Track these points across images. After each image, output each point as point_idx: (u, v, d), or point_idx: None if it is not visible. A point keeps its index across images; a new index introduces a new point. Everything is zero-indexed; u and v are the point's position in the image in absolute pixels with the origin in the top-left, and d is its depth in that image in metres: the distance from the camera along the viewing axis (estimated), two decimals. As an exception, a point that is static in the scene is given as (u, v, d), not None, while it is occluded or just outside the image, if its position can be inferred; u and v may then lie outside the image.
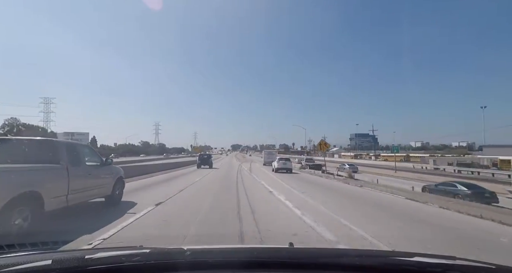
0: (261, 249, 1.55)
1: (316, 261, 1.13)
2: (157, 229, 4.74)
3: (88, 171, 5.71)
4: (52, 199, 4.39)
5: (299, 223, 5.40)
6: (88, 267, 0.96)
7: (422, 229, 5.40)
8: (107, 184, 6.40)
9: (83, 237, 3.97)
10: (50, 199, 4.31)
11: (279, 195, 9.21)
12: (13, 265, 0.93)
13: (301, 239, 4.18)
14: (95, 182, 5.90)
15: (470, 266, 1.11)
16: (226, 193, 9.75)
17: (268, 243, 4.02)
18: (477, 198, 11.70)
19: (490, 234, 5.14)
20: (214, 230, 4.81)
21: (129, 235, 4.25)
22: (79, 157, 5.56)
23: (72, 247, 3.51)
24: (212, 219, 5.58)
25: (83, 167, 5.60)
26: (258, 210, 6.52)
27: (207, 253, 1.22)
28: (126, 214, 5.60)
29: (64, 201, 4.74)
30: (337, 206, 7.56)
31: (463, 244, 4.50)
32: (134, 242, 3.29)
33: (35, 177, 4.18)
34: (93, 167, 6.00)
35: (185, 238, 4.15)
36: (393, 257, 1.26)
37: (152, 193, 9.27)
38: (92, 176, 5.78)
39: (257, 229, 4.76)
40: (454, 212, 7.20)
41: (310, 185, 13.92)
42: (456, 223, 6.07)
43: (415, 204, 8.52)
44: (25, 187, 3.87)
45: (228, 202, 7.74)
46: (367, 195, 10.46)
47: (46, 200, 4.20)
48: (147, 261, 1.01)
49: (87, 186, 5.54)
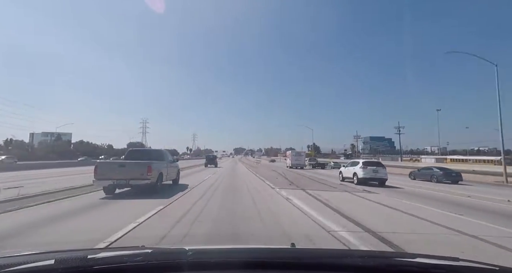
0: (263, 249, 1.58)
1: (318, 262, 1.14)
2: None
3: (171, 165, 11.59)
4: (164, 176, 10.26)
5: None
6: (90, 267, 0.98)
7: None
8: (175, 172, 12.29)
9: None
10: (163, 176, 10.16)
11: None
12: (15, 265, 0.94)
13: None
14: (172, 171, 11.78)
15: (473, 267, 1.12)
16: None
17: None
18: (447, 177, 19.39)
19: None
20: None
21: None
22: (168, 158, 11.49)
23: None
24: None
25: (169, 163, 11.50)
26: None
27: (208, 253, 1.26)
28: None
29: (165, 178, 10.60)
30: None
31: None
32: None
33: (160, 166, 10.01)
34: (171, 163, 11.89)
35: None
36: (395, 258, 1.28)
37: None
38: (171, 167, 11.66)
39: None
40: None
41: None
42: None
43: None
44: (159, 170, 9.73)
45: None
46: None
47: (164, 177, 10.07)
48: (149, 261, 1.03)
49: (170, 173, 11.39)
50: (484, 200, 10.62)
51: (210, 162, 35.49)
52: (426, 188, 15.13)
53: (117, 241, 4.07)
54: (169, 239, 4.24)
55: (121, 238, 4.21)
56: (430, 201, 9.62)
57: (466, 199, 10.70)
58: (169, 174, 11.06)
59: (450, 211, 7.64)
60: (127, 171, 8.50)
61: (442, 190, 14.25)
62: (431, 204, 8.80)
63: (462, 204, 9.39)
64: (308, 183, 14.95)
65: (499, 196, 11.97)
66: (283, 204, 7.94)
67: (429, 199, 10.22)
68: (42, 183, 12.13)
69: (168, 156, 11.93)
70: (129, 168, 8.61)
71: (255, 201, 8.22)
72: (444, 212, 7.41)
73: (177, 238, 4.31)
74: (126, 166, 8.67)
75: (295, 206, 7.51)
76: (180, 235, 4.46)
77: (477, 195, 12.06)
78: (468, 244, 4.53)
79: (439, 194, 12.18)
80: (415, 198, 10.46)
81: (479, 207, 8.84)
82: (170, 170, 11.31)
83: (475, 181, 22.52)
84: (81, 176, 14.78)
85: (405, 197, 10.61)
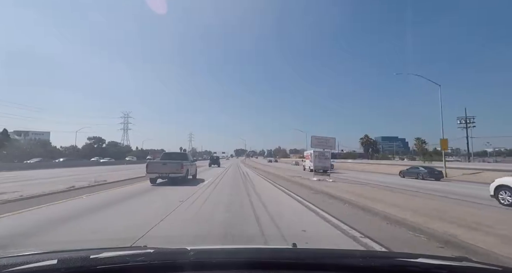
0: (265, 249, 1.61)
1: (320, 262, 1.15)
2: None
3: (191, 164, 15.59)
4: (189, 172, 14.30)
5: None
6: (93, 267, 1.00)
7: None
8: (194, 169, 16.33)
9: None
10: (188, 172, 14.17)
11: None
12: (18, 265, 0.96)
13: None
14: (193, 168, 15.78)
15: (476, 268, 1.12)
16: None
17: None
18: (431, 174, 22.66)
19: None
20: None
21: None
22: (190, 159, 15.56)
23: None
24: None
25: (191, 162, 15.51)
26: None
27: (210, 253, 1.26)
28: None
29: (189, 173, 14.59)
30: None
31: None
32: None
33: (186, 164, 13.99)
34: (192, 162, 15.89)
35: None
36: (397, 258, 1.28)
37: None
38: (192, 166, 15.66)
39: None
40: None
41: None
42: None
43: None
44: (186, 167, 13.74)
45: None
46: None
47: (189, 172, 14.11)
48: (151, 261, 1.05)
49: (191, 170, 15.37)
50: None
51: (214, 162, 39.73)
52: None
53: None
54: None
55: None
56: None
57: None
58: (191, 170, 15.03)
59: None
60: (167, 167, 12.48)
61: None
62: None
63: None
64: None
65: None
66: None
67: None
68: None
69: (190, 157, 15.94)
70: (169, 165, 12.58)
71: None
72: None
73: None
74: (167, 164, 12.63)
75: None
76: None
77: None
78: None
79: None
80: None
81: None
82: (191, 168, 15.29)
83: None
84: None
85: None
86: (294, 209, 7.34)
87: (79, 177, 16.07)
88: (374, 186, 14.01)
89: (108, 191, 10.14)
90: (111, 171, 24.45)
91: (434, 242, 4.32)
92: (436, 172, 22.76)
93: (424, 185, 16.82)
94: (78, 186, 11.04)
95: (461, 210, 7.08)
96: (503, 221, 5.70)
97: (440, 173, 22.93)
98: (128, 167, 32.47)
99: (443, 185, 17.42)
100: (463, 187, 16.76)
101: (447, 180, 22.94)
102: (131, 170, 23.92)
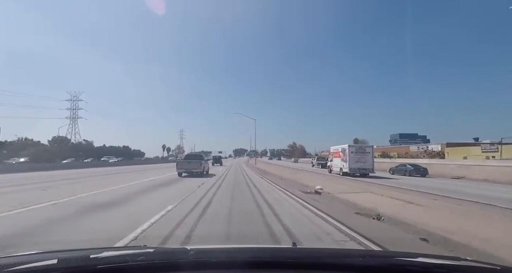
0: (264, 249, 1.62)
1: (319, 261, 1.16)
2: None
3: (205, 162, 21.10)
4: (205, 168, 19.84)
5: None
6: (93, 267, 1.00)
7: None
8: (208, 166, 21.92)
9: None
10: (205, 169, 19.68)
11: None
12: (18, 265, 0.96)
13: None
14: (206, 165, 21.25)
15: (475, 267, 1.13)
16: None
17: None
18: (416, 171, 24.94)
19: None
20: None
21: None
22: (204, 158, 21.18)
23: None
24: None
25: (205, 161, 21.07)
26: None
27: (210, 253, 1.28)
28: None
29: (204, 170, 20.04)
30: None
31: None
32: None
33: (203, 163, 19.47)
34: (205, 161, 21.40)
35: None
36: (396, 257, 1.29)
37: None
38: (206, 164, 21.20)
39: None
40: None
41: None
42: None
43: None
44: (203, 164, 19.23)
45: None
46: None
47: (204, 169, 19.65)
48: (151, 260, 1.06)
49: (206, 167, 20.83)
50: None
51: (216, 161, 44.06)
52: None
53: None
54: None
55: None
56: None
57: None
58: (206, 167, 20.47)
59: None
60: (191, 165, 18.00)
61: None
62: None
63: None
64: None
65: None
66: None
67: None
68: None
69: (204, 157, 21.38)
70: (192, 163, 18.07)
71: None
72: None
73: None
74: (191, 162, 18.10)
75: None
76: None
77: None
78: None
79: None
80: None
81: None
82: (206, 165, 20.76)
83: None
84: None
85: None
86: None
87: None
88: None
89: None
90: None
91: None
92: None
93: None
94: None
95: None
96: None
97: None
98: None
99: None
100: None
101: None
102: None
